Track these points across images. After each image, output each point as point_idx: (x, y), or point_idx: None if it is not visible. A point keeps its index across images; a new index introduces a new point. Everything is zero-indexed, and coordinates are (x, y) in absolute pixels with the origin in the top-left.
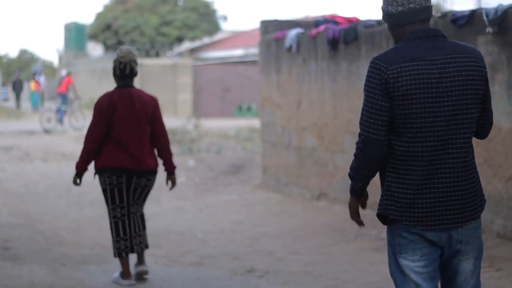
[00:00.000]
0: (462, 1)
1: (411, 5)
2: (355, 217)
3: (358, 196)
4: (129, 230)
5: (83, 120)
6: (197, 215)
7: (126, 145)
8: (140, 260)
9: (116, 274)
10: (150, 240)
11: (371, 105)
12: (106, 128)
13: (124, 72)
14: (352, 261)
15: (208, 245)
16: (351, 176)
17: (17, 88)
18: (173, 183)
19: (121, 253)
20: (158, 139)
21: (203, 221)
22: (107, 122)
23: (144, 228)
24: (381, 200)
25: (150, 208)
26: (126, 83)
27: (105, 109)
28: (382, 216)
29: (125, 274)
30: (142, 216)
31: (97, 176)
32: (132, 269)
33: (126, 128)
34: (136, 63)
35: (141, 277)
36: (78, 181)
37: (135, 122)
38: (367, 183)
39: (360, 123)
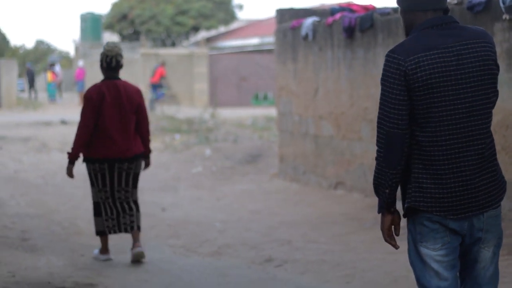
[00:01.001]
0: None
1: None
2: (389, 239)
3: (388, 211)
4: (116, 211)
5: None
6: (214, 205)
7: (111, 133)
8: (135, 242)
9: (96, 251)
10: (168, 230)
11: (390, 99)
12: (96, 118)
13: (111, 65)
14: (370, 249)
15: (225, 234)
16: (376, 188)
17: (29, 79)
18: (147, 165)
19: (105, 230)
20: (141, 127)
21: (221, 210)
22: (97, 112)
23: (137, 210)
24: (409, 193)
25: (167, 198)
26: (112, 75)
27: (94, 100)
28: (409, 209)
29: (103, 250)
30: (135, 202)
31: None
32: (128, 253)
33: (112, 117)
34: (121, 57)
35: (138, 260)
36: (71, 171)
37: (121, 112)
38: (395, 188)
39: (379, 119)
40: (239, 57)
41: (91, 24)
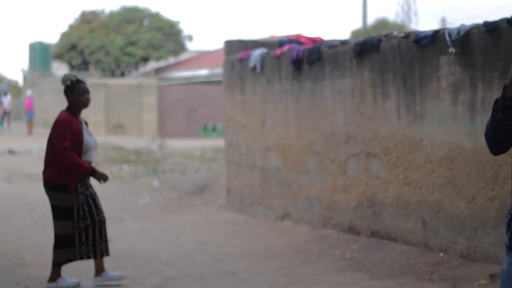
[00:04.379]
0: (427, 21)
1: None
2: None
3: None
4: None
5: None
6: (161, 236)
7: None
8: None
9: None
10: (114, 261)
11: None
12: None
13: None
14: (316, 281)
15: (171, 266)
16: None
17: None
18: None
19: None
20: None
21: (167, 242)
22: None
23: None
24: None
25: (113, 229)
26: None
27: None
28: None
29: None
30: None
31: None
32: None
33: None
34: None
35: None
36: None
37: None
38: None
39: None
40: (188, 88)
41: (40, 54)
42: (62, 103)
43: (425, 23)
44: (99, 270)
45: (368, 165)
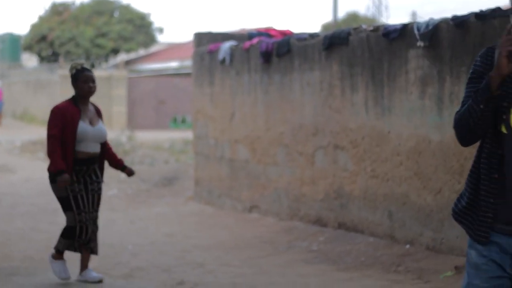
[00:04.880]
0: (398, 14)
1: None
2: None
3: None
4: None
5: None
6: (128, 227)
7: None
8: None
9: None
10: None
11: None
12: None
13: None
14: (282, 273)
15: (139, 257)
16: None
17: None
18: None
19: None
20: None
21: (135, 233)
22: None
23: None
24: None
25: None
26: None
27: None
28: None
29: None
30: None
31: None
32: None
33: None
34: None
35: None
36: None
37: None
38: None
39: None
40: (158, 80)
41: (10, 45)
42: (31, 95)
43: (396, 17)
44: (82, 266)
45: (336, 158)
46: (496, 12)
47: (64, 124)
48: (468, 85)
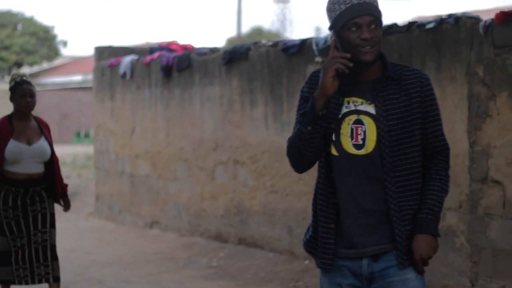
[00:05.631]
0: (302, 29)
1: None
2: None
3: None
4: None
5: None
6: None
7: None
8: None
9: None
10: None
11: None
12: None
13: None
14: None
15: None
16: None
17: None
18: None
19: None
20: None
21: None
22: None
23: None
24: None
25: None
26: None
27: None
28: None
29: None
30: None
31: None
32: None
33: None
34: None
35: None
36: None
37: None
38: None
39: None
40: (61, 94)
41: None
42: None
43: (300, 32)
44: None
45: (236, 173)
46: (392, 28)
47: None
48: (298, 112)
